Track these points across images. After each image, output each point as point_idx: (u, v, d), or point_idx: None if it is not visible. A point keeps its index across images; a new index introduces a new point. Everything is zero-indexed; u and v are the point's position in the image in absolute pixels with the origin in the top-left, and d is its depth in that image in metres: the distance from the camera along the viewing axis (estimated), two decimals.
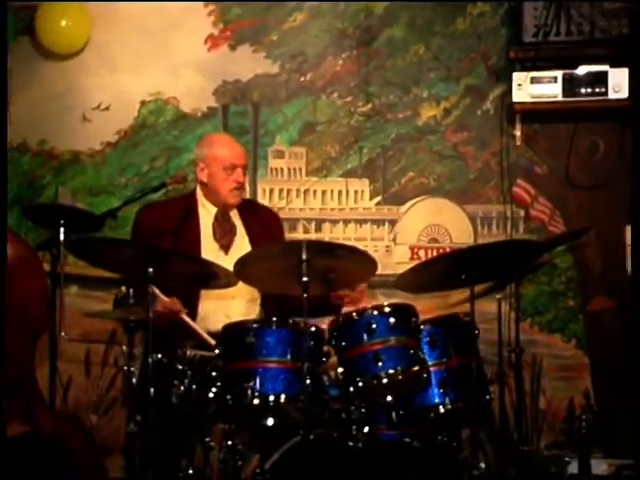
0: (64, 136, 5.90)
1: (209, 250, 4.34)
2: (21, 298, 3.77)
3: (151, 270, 3.79)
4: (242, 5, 5.76)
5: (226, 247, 4.41)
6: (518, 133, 5.48)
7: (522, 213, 5.57)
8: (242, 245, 4.39)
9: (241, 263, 3.78)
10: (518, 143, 5.51)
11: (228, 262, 3.96)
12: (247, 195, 5.60)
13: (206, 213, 4.45)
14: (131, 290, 3.91)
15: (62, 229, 4.36)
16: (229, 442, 3.88)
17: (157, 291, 3.92)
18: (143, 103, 5.84)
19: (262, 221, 4.57)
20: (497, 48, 5.56)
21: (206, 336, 4.04)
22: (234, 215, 4.49)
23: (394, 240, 5.68)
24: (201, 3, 5.78)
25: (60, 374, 4.87)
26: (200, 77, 5.80)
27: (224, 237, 4.41)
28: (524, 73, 5.28)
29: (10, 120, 5.88)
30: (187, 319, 4.09)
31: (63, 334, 4.32)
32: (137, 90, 5.84)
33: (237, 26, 5.77)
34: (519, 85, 5.28)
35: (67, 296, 4.82)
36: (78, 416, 4.96)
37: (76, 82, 5.91)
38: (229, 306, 4.34)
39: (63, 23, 5.73)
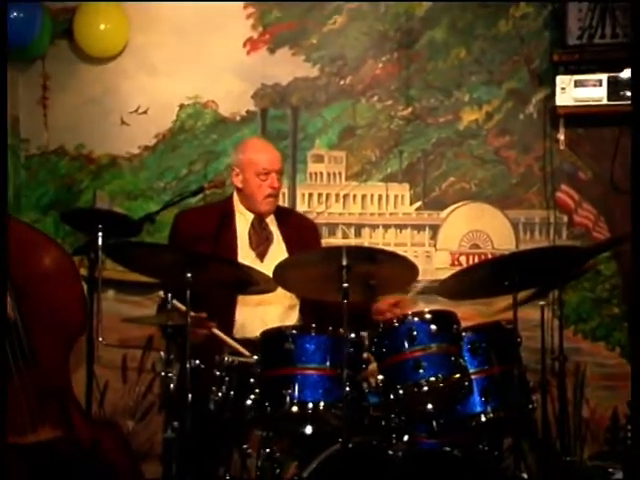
0: (102, 140, 5.94)
1: (245, 257, 4.34)
2: (56, 302, 3.80)
3: (189, 275, 3.80)
4: (281, 8, 5.77)
5: (262, 255, 4.41)
6: (562, 137, 5.43)
7: (565, 219, 5.52)
8: (278, 253, 4.38)
9: (280, 268, 3.78)
10: (562, 147, 5.47)
11: (264, 269, 3.98)
12: (286, 200, 5.64)
13: (243, 220, 4.46)
14: (169, 295, 3.92)
15: (100, 234, 4.38)
16: (267, 449, 3.88)
17: (178, 304, 3.92)
18: (181, 107, 5.87)
19: (299, 229, 4.57)
20: (540, 51, 5.52)
21: (240, 348, 4.04)
22: (271, 222, 4.49)
23: (434, 246, 5.65)
24: (240, 5, 5.79)
25: (97, 379, 4.90)
26: (239, 80, 5.81)
27: (260, 245, 4.42)
28: (568, 76, 5.24)
29: (47, 124, 5.96)
30: (219, 333, 4.09)
31: (101, 339, 4.33)
32: (175, 93, 5.86)
33: (276, 29, 5.78)
34: (563, 88, 5.24)
35: (104, 301, 4.84)
36: (115, 421, 4.97)
37: (114, 86, 5.95)
38: (266, 312, 4.34)
39: (101, 26, 5.77)
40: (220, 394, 3.88)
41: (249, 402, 3.77)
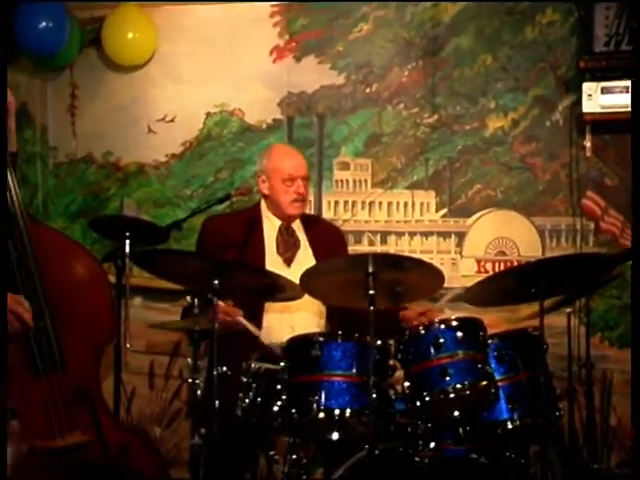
0: (129, 148, 5.99)
1: (272, 263, 4.36)
2: (87, 309, 3.81)
3: (217, 282, 3.81)
4: (308, 16, 5.80)
5: (289, 261, 4.43)
6: (588, 144, 5.42)
7: (592, 226, 5.51)
8: (305, 259, 4.40)
9: (307, 275, 3.79)
10: (588, 154, 5.46)
11: (291, 275, 3.99)
12: (312, 207, 5.66)
13: (270, 226, 4.48)
14: (196, 300, 3.94)
15: (127, 241, 4.41)
16: (293, 456, 3.89)
17: (250, 325, 3.96)
18: (208, 115, 5.90)
19: (326, 236, 4.58)
20: (567, 58, 5.52)
21: (254, 329, 4.06)
22: (298, 229, 4.51)
23: (460, 253, 5.66)
24: (267, 13, 5.81)
25: (124, 386, 4.92)
26: (265, 89, 5.84)
27: (288, 251, 4.44)
28: (594, 83, 5.23)
29: (76, 132, 6.01)
30: (244, 321, 4.10)
31: (128, 346, 4.36)
32: (202, 102, 5.90)
33: (302, 37, 5.80)
34: (589, 95, 5.24)
35: (131, 308, 4.87)
36: (143, 428, 5.00)
37: (141, 94, 5.99)
38: (293, 319, 4.36)
39: (129, 35, 5.81)
40: (247, 400, 3.89)
41: (276, 408, 3.77)
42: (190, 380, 3.94)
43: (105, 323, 3.89)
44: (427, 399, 3.70)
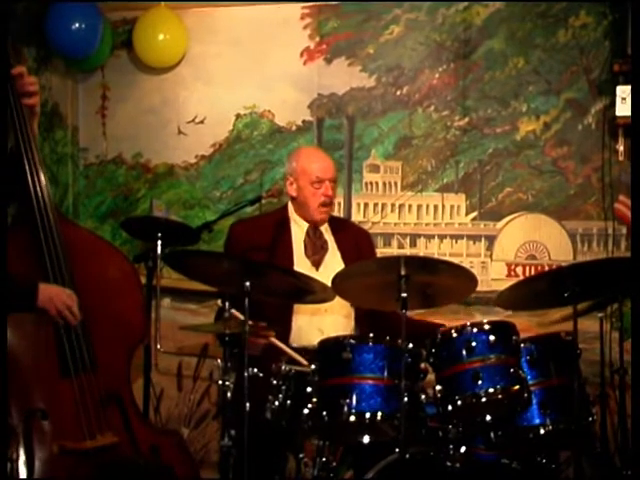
0: (159, 149, 5.99)
1: (300, 266, 4.36)
2: (120, 310, 3.82)
3: (248, 284, 3.81)
4: (338, 18, 5.78)
5: (317, 263, 4.43)
6: (621, 148, 5.38)
7: (624, 230, 5.46)
8: (334, 262, 4.40)
9: (339, 278, 3.79)
10: (620, 158, 5.41)
11: (319, 278, 3.98)
12: (342, 210, 5.65)
13: (298, 229, 4.47)
14: (227, 303, 3.93)
15: (159, 242, 4.42)
16: (323, 458, 3.88)
17: (237, 313, 3.94)
18: (238, 116, 5.90)
19: (353, 238, 4.58)
20: (600, 61, 5.47)
21: (298, 357, 4.04)
22: (326, 231, 4.51)
23: (490, 256, 5.63)
24: (297, 15, 5.80)
25: (154, 386, 4.93)
26: (295, 90, 5.83)
27: (316, 253, 4.44)
28: (628, 86, 5.18)
29: (106, 134, 6.03)
30: (277, 343, 4.11)
31: (159, 347, 4.37)
32: (232, 103, 5.90)
33: (333, 39, 5.78)
34: (623, 99, 5.19)
35: (160, 308, 4.89)
36: (175, 429, 5.00)
37: (172, 95, 6.00)
38: (323, 321, 4.35)
39: (160, 37, 5.81)
40: (277, 403, 3.89)
41: (306, 411, 3.77)
42: (220, 382, 3.94)
43: (136, 323, 3.90)
44: (458, 403, 3.69)
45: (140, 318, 3.93)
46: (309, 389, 3.79)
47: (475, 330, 3.75)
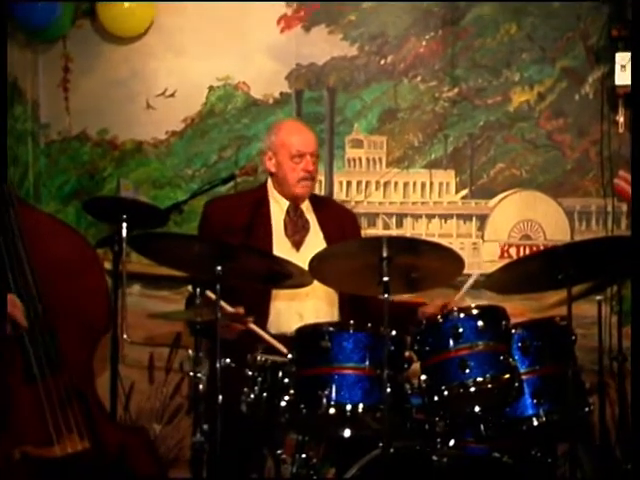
0: (127, 125, 5.96)
1: (280, 247, 4.35)
2: (80, 298, 3.81)
3: (220, 268, 3.80)
4: None
5: (298, 244, 4.42)
6: (621, 119, 5.39)
7: (624, 207, 5.48)
8: (315, 242, 4.39)
9: (317, 260, 3.77)
10: (620, 130, 5.42)
11: (299, 260, 3.97)
12: (323, 188, 5.64)
13: (277, 207, 4.46)
14: (198, 289, 3.92)
15: (124, 224, 4.40)
16: (302, 455, 3.88)
17: (211, 294, 3.93)
18: (211, 89, 5.88)
19: (337, 218, 4.57)
20: (597, 26, 5.48)
21: (278, 345, 4.05)
22: (307, 210, 4.50)
23: (482, 237, 5.63)
24: None
25: (122, 380, 4.92)
26: (272, 61, 5.81)
27: (296, 233, 4.43)
28: (628, 53, 5.18)
29: (69, 108, 6.00)
30: (255, 328, 4.10)
31: (126, 337, 4.35)
32: (205, 75, 5.87)
33: (312, 5, 5.76)
34: (622, 66, 5.20)
35: (129, 296, 4.87)
36: (142, 426, 4.99)
37: (140, 67, 5.96)
38: (303, 307, 4.35)
39: (126, 4, 5.77)
40: (252, 395, 3.88)
41: (283, 404, 3.76)
42: (192, 373, 3.93)
43: (99, 312, 3.89)
44: (445, 393, 3.69)
45: (103, 305, 3.92)
46: (286, 380, 3.79)
47: (462, 315, 3.75)
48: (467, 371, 3.67)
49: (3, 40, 3.50)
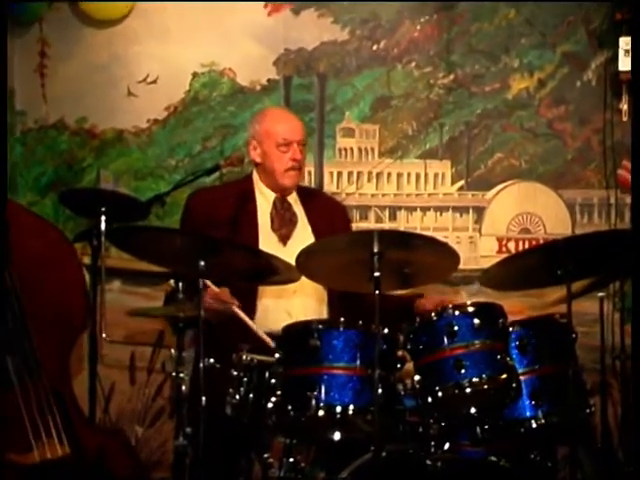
0: (106, 113, 5.96)
1: (266, 241, 4.35)
2: (53, 294, 3.79)
3: (203, 263, 3.80)
4: None
5: (285, 238, 4.42)
6: (625, 107, 5.40)
7: (628, 199, 5.48)
8: (303, 236, 4.39)
9: (304, 255, 3.77)
10: (624, 118, 5.43)
11: (287, 255, 3.96)
12: (312, 179, 5.64)
13: (263, 200, 4.46)
14: (180, 284, 3.92)
15: (103, 217, 4.39)
16: (291, 459, 3.88)
17: (211, 284, 3.94)
18: (195, 75, 5.88)
19: (326, 210, 4.57)
20: (600, 9, 5.49)
21: (262, 334, 4.05)
22: (295, 203, 4.50)
23: (479, 230, 5.64)
24: None
25: (101, 381, 4.92)
26: (259, 45, 5.81)
27: (283, 227, 4.43)
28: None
29: (46, 95, 5.98)
30: (240, 313, 4.10)
31: (104, 335, 4.35)
32: (188, 60, 5.88)
33: None
34: (626, 51, 5.21)
35: (109, 292, 4.85)
36: (120, 428, 4.99)
37: (120, 52, 5.97)
38: (291, 304, 4.35)
39: None
40: (238, 396, 3.88)
41: (270, 405, 3.76)
42: (174, 374, 3.93)
43: (76, 309, 3.88)
44: (440, 394, 3.69)
45: (80, 302, 3.91)
46: (273, 381, 3.79)
47: (457, 313, 3.74)
48: (462, 371, 3.67)
49: (3, 41, 3.49)
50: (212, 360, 3.84)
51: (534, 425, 3.79)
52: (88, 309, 4.11)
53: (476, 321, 3.72)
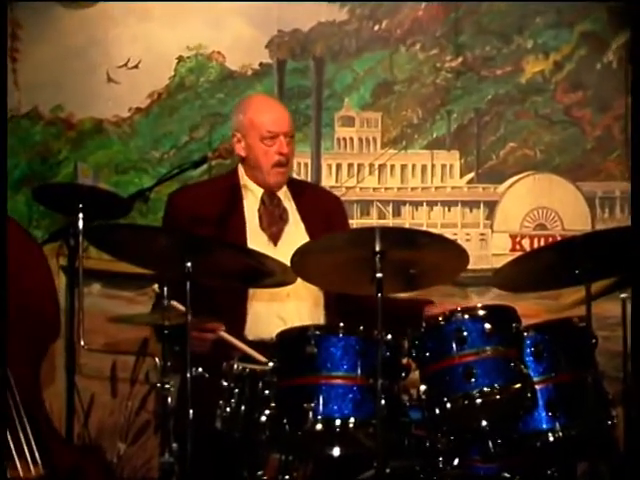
0: (84, 101, 5.98)
1: (255, 241, 4.35)
2: (19, 300, 3.79)
3: (189, 264, 3.80)
4: None
5: (275, 237, 4.42)
6: None
7: None
8: (296, 235, 4.40)
9: (300, 255, 3.77)
10: None
11: (278, 256, 3.97)
12: (309, 172, 5.64)
13: (251, 196, 4.47)
14: (165, 289, 3.93)
15: (81, 214, 4.39)
16: (286, 476, 3.89)
17: (177, 304, 3.93)
18: (180, 59, 5.89)
19: (320, 205, 4.58)
20: None
21: (256, 354, 4.05)
22: (285, 198, 4.50)
23: (491, 227, 5.64)
24: None
25: (80, 393, 4.92)
26: (250, 27, 5.83)
27: (273, 225, 4.43)
28: None
29: (18, 82, 5.99)
30: (228, 337, 4.11)
31: (83, 343, 4.35)
32: (173, 43, 5.90)
33: None
34: None
35: (88, 297, 4.87)
36: (97, 445, 5.00)
37: (99, 34, 5.98)
38: (284, 308, 4.35)
39: None
40: (228, 409, 3.88)
41: (264, 419, 3.76)
42: (159, 385, 3.93)
43: (46, 316, 3.87)
44: (448, 406, 3.69)
45: (50, 308, 3.91)
46: (267, 392, 3.79)
47: (467, 317, 3.74)
48: (473, 380, 3.67)
49: (3, 42, 3.50)
50: (200, 369, 3.84)
51: (551, 438, 3.79)
52: (58, 315, 4.10)
53: (487, 326, 3.73)
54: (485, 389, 3.67)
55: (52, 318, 3.93)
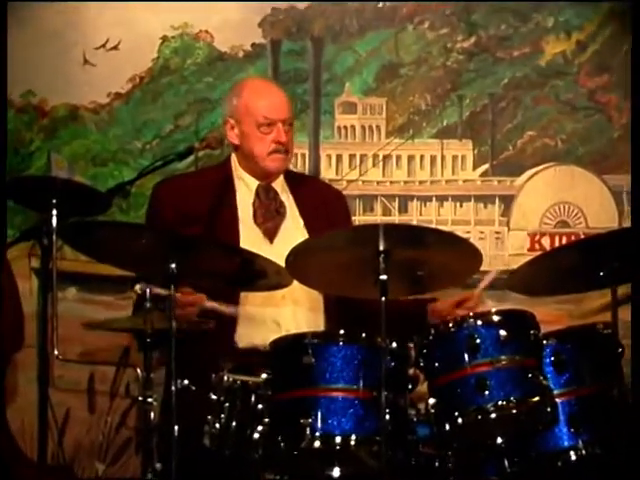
0: (58, 85, 5.98)
1: (249, 238, 4.37)
2: None
3: (174, 265, 3.81)
4: None
5: (271, 234, 4.43)
6: None
7: None
8: (293, 231, 4.41)
9: (296, 255, 3.78)
10: None
11: (273, 254, 3.98)
12: (307, 164, 5.65)
13: (244, 188, 4.48)
14: (148, 291, 3.93)
15: (55, 211, 4.40)
16: None
17: (159, 290, 3.95)
18: (165, 40, 5.90)
19: (320, 200, 4.59)
20: None
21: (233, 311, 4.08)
22: (282, 191, 4.51)
23: (507, 224, 5.65)
24: None
25: (54, 408, 4.93)
26: (241, 5, 5.82)
27: (268, 220, 4.44)
28: None
29: None
30: (212, 304, 4.11)
31: (57, 353, 4.36)
32: (156, 23, 5.89)
33: None
34: None
35: (63, 302, 4.86)
36: (69, 467, 5.01)
37: (74, 14, 5.97)
38: (279, 313, 4.36)
39: None
40: (218, 425, 3.88)
41: (257, 435, 3.77)
42: (141, 398, 3.94)
43: (6, 324, 3.87)
44: (460, 421, 3.70)
45: (9, 315, 3.91)
46: (260, 406, 3.80)
47: (480, 323, 3.75)
48: (486, 393, 3.68)
49: (3, 44, 3.52)
50: (186, 382, 3.85)
51: (573, 457, 3.80)
52: (21, 322, 4.11)
53: (502, 332, 3.74)
54: (500, 402, 3.68)
55: (13, 327, 3.94)
